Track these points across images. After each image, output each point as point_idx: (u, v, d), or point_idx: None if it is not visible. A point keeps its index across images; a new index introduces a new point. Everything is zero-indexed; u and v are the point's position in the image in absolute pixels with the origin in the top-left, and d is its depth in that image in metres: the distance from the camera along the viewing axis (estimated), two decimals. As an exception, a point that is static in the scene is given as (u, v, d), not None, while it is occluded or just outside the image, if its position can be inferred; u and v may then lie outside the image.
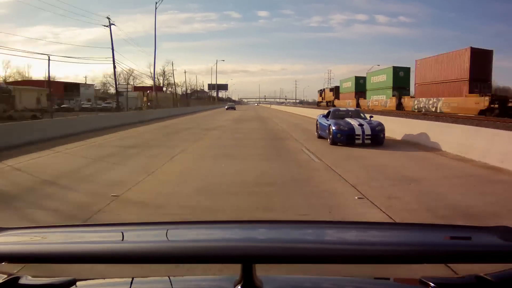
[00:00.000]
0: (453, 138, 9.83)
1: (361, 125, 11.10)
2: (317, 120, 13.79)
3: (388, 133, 12.02)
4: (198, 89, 76.02)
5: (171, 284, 1.04)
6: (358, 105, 46.93)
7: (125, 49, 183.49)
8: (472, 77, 27.58)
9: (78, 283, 0.90)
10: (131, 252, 0.82)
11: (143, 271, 1.23)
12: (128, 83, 43.44)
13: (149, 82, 60.57)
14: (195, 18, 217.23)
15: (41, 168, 7.26)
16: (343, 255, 0.82)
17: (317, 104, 73.97)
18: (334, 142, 11.09)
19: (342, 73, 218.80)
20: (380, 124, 11.42)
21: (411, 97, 37.39)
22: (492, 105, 23.42)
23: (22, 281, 0.86)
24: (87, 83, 51.92)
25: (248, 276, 0.80)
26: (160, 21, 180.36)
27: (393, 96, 39.90)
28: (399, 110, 35.97)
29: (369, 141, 10.78)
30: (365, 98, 48.45)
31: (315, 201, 4.91)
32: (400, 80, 41.04)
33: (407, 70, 41.70)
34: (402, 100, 37.51)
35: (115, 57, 28.83)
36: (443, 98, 29.47)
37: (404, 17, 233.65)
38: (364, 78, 51.11)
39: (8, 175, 6.66)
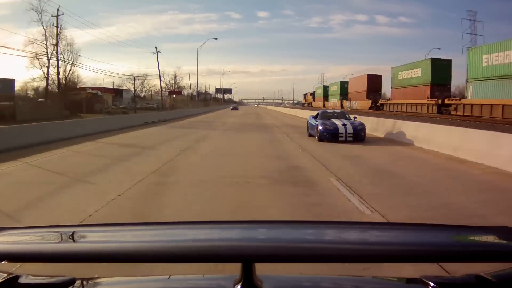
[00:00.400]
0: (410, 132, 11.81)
1: (344, 124, 12.70)
2: (307, 121, 15.18)
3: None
4: (204, 91, 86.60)
5: (171, 283, 1.05)
6: (342, 106, 52.60)
7: (127, 50, 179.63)
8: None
9: (77, 282, 0.89)
10: (131, 252, 0.81)
11: (143, 271, 1.22)
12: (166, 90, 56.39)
13: (155, 82, 78.99)
14: (195, 19, 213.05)
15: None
16: (343, 254, 0.81)
17: (302, 105, 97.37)
18: (321, 139, 12.62)
19: (342, 73, 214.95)
20: (362, 124, 13.02)
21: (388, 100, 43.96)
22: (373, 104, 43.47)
23: (22, 280, 0.84)
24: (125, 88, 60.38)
25: (248, 275, 0.79)
26: (160, 22, 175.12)
27: (367, 98, 46.54)
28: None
29: (351, 139, 12.35)
30: (347, 100, 54.57)
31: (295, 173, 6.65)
32: (375, 84, 47.15)
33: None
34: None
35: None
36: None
37: (404, 17, 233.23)
38: (347, 83, 57.72)
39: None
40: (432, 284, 0.84)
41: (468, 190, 5.88)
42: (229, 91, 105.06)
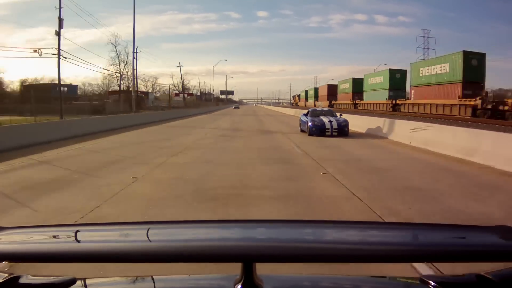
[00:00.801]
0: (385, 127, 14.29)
1: (330, 121, 14.48)
2: (299, 118, 16.96)
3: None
4: (206, 92, 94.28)
5: (171, 283, 1.05)
6: (330, 105, 57.01)
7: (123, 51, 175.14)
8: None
9: (77, 282, 0.87)
10: (131, 251, 0.80)
11: (143, 270, 1.27)
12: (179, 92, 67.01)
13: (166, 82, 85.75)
14: (195, 19, 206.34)
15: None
16: (343, 254, 0.80)
17: (291, 105, 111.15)
18: (310, 134, 14.39)
19: (342, 74, 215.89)
20: (346, 121, 14.71)
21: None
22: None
23: (22, 280, 0.82)
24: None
25: (248, 275, 0.77)
26: (159, 22, 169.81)
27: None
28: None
29: (336, 133, 14.07)
30: (336, 100, 59.68)
31: (285, 156, 9.47)
32: (358, 87, 50.56)
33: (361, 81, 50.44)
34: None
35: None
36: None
37: (403, 16, 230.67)
38: (336, 86, 63.78)
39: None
40: (432, 283, 0.83)
41: (395, 159, 8.93)
42: (231, 93, 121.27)
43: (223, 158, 9.20)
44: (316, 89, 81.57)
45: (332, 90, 64.57)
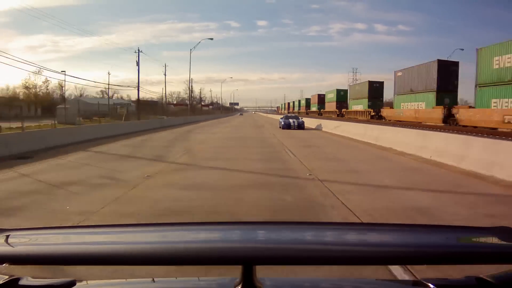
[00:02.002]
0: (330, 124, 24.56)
1: (293, 121, 25.31)
2: (279, 120, 28.25)
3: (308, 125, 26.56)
4: (212, 101, 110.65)
5: (172, 286, 1.06)
6: (319, 113, 66.16)
7: (125, 58, 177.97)
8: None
9: (78, 285, 0.87)
10: (131, 254, 0.80)
11: (143, 273, 1.25)
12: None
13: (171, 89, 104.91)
14: (195, 27, 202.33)
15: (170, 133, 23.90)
16: (343, 256, 0.80)
17: (276, 112, 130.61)
18: (282, 128, 24.98)
19: (340, 81, 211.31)
20: (303, 121, 25.79)
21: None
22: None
23: (23, 282, 0.83)
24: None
25: (248, 277, 0.77)
26: (159, 30, 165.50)
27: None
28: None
29: (296, 128, 24.78)
30: (324, 109, 67.78)
31: (265, 138, 19.14)
32: (341, 97, 59.25)
33: (346, 91, 58.45)
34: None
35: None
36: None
37: (403, 25, 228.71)
38: (305, 99, 79.15)
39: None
40: (432, 286, 0.83)
41: (322, 139, 17.61)
42: (236, 104, 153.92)
43: (239, 131, 23.46)
44: (308, 99, 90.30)
45: (321, 99, 73.05)
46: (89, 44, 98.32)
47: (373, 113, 40.47)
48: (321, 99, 72.87)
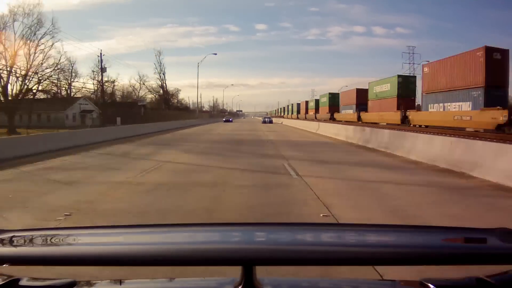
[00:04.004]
0: (293, 122, 35.92)
1: (268, 119, 42.67)
2: (261, 120, 42.96)
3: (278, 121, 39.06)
4: (214, 106, 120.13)
5: (172, 286, 1.06)
6: (315, 117, 70.79)
7: (127, 62, 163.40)
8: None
9: (77, 285, 0.87)
10: (132, 255, 0.80)
11: (144, 273, 1.26)
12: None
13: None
14: (194, 32, 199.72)
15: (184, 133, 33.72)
16: (343, 257, 0.80)
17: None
18: (263, 123, 41.78)
19: (340, 85, 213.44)
20: (271, 120, 43.34)
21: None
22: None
23: (22, 283, 0.83)
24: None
25: (248, 278, 0.77)
26: (159, 35, 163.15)
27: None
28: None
29: (269, 123, 41.62)
30: (319, 113, 74.01)
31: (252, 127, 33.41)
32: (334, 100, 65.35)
33: (336, 95, 59.97)
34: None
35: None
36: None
37: (401, 28, 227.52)
38: (292, 105, 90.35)
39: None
40: (432, 286, 0.82)
41: (295, 134, 24.61)
42: (240, 111, 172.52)
43: (243, 126, 38.79)
44: (288, 106, 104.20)
45: (317, 104, 76.27)
46: (88, 49, 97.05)
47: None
48: (317, 103, 78.19)
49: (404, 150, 10.85)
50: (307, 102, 79.24)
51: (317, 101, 69.48)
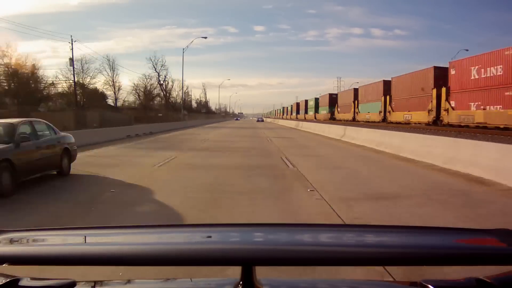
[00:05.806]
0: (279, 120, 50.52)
1: (260, 118, 59.28)
2: (255, 120, 58.39)
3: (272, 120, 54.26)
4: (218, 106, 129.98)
5: (171, 286, 1.07)
6: (296, 118, 77.31)
7: (126, 63, 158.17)
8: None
9: (77, 285, 0.87)
10: (131, 255, 0.80)
11: (143, 274, 1.25)
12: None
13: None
14: (193, 33, 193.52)
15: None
16: (343, 257, 0.80)
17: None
18: (257, 121, 59.27)
19: (338, 86, 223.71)
20: (263, 119, 59.65)
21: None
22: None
23: (22, 283, 0.82)
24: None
25: (248, 278, 0.78)
26: (157, 36, 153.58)
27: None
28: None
29: (261, 121, 59.90)
30: (307, 113, 76.80)
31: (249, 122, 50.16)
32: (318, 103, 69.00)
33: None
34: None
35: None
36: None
37: (399, 30, 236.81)
38: (282, 108, 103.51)
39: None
40: (431, 287, 0.83)
41: (284, 129, 35.46)
42: (241, 113, 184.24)
43: (244, 123, 58.87)
44: (282, 108, 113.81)
45: (306, 106, 76.72)
46: (87, 50, 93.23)
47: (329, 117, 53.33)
48: (307, 105, 79.68)
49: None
50: (306, 102, 77.08)
51: (316, 100, 68.03)
